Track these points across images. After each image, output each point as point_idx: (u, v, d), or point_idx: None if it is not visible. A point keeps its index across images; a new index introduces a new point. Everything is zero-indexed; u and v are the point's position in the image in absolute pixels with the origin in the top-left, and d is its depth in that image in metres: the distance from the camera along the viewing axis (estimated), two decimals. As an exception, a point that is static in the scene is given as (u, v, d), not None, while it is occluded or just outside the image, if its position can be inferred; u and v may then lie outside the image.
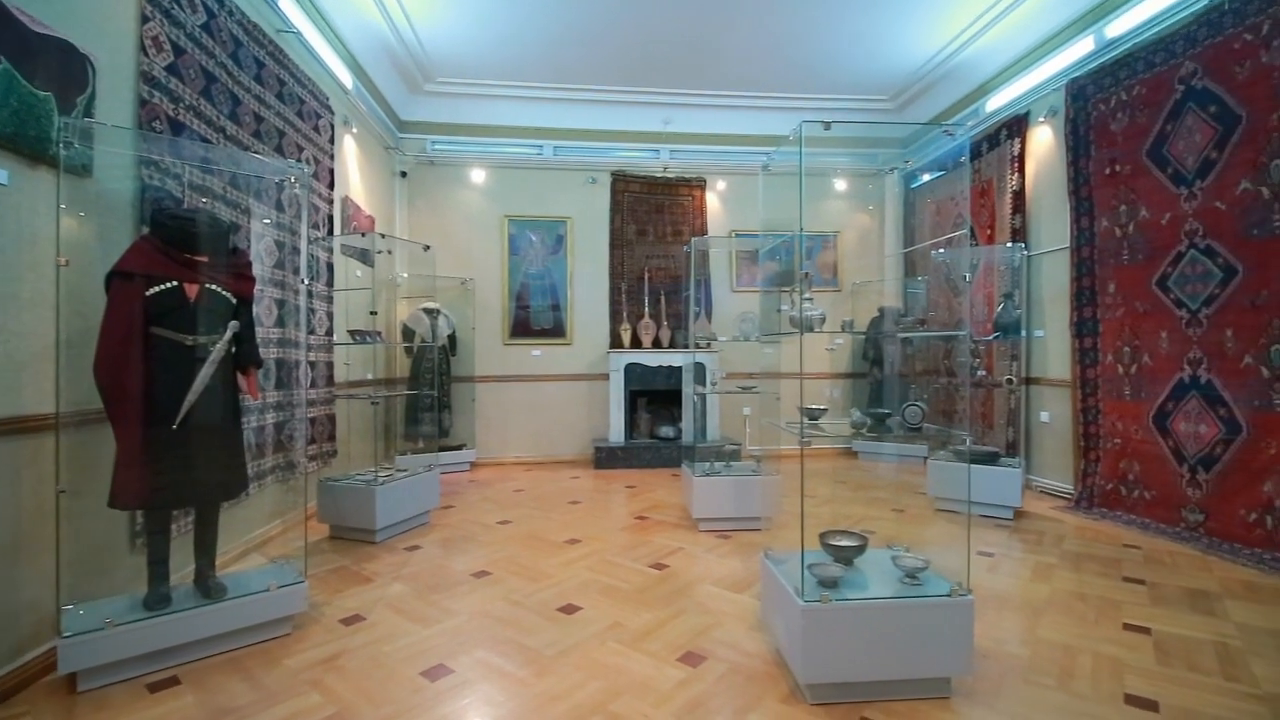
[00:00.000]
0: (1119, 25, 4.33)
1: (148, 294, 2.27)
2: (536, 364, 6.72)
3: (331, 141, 4.77)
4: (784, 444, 6.73)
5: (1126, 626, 2.60)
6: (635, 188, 6.90)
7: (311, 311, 4.41)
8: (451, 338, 6.35)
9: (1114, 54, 4.34)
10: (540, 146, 6.76)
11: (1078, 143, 4.64)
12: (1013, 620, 2.68)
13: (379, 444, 5.69)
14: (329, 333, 4.68)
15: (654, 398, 6.69)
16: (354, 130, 5.33)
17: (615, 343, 6.70)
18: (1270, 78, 3.36)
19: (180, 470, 2.36)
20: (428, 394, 5.72)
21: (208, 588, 2.47)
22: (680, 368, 6.42)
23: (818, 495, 5.02)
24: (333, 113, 4.79)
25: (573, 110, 6.61)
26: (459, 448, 6.30)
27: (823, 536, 2.35)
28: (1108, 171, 4.40)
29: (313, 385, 4.44)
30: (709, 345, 6.19)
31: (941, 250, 5.50)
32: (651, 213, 6.93)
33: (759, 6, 4.94)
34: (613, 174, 6.85)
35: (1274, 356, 3.35)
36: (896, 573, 2.18)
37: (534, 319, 6.73)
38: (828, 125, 2.01)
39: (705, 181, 6.98)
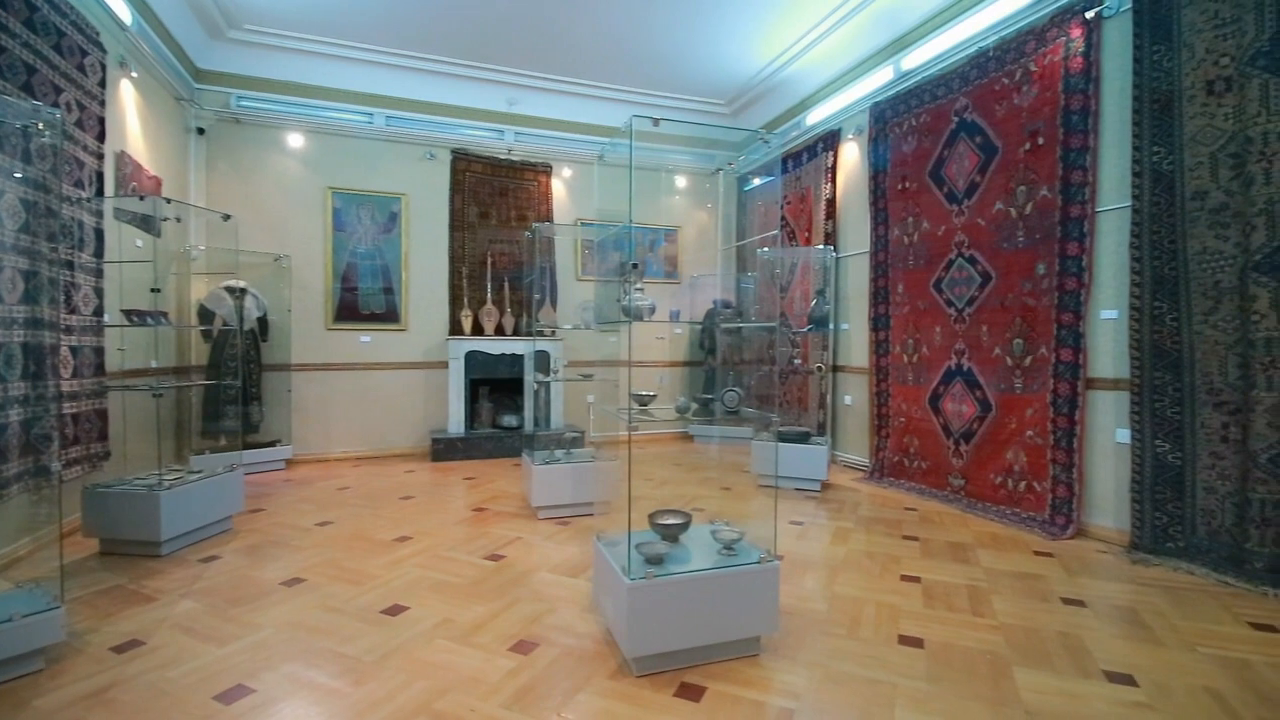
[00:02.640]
0: (913, 59, 4.98)
1: None
2: (366, 351, 6.23)
3: (102, 85, 4.00)
4: (625, 430, 6.95)
5: (903, 578, 3.05)
6: (478, 168, 6.64)
7: (72, 286, 3.68)
8: (262, 321, 5.66)
9: (908, 84, 4.99)
10: (371, 115, 6.23)
11: (877, 159, 5.28)
12: (815, 579, 3.01)
13: (167, 443, 4.93)
14: (98, 313, 3.94)
15: (496, 386, 6.52)
16: (134, 74, 4.50)
17: (455, 329, 6.41)
18: (1020, 117, 4.07)
19: None
20: (231, 385, 5.05)
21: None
22: (524, 356, 6.32)
23: (655, 478, 5.24)
24: (104, 50, 4.01)
25: (409, 79, 6.18)
26: (272, 444, 5.65)
27: (651, 517, 2.46)
28: (899, 187, 5.06)
29: (75, 375, 3.71)
30: (553, 333, 6.17)
31: (765, 249, 5.97)
32: (495, 195, 6.71)
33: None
34: (453, 152, 6.52)
35: (1015, 348, 4.09)
36: (716, 545, 2.34)
37: (363, 302, 6.21)
38: (656, 122, 2.07)
39: (551, 167, 6.91)
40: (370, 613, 2.64)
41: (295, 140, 5.99)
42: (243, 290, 5.35)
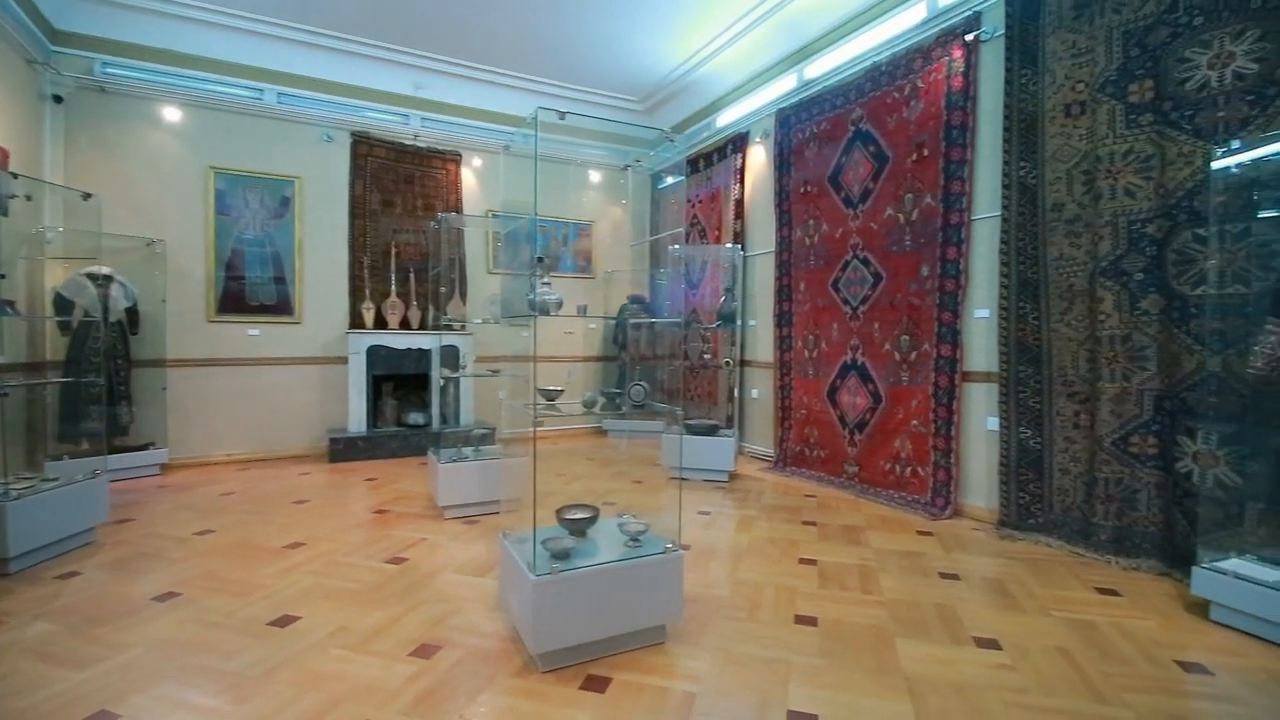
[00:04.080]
0: (815, 68, 5.22)
1: None
2: (255, 345, 5.78)
3: (-79, 36, 3.47)
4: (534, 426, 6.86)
5: (801, 561, 3.21)
6: (381, 153, 6.32)
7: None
8: (131, 312, 5.12)
9: (811, 92, 5.23)
10: (261, 91, 5.78)
11: (782, 163, 5.50)
12: (720, 566, 3.11)
13: (17, 449, 4.37)
14: (-80, 299, 3.43)
15: (402, 383, 6.26)
16: (-35, 27, 3.94)
17: (356, 322, 6.08)
18: (908, 129, 4.36)
19: None
20: (94, 382, 4.54)
21: None
22: (431, 350, 6.10)
23: (568, 473, 5.22)
24: (-77, -4, 3.48)
25: (305, 55, 5.79)
26: (144, 447, 5.14)
27: (559, 512, 2.45)
28: (802, 190, 5.30)
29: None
30: (462, 327, 5.99)
31: (676, 246, 6.10)
32: (400, 183, 6.42)
33: (514, -16, 4.88)
34: (354, 135, 6.17)
35: (902, 344, 4.40)
36: (623, 538, 2.37)
37: (251, 292, 5.76)
38: (562, 115, 2.06)
39: (461, 156, 6.69)
40: (256, 625, 2.47)
41: (171, 114, 5.46)
42: (107, 277, 4.83)
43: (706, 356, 6.08)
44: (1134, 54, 3.15)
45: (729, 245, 5.89)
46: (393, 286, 6.21)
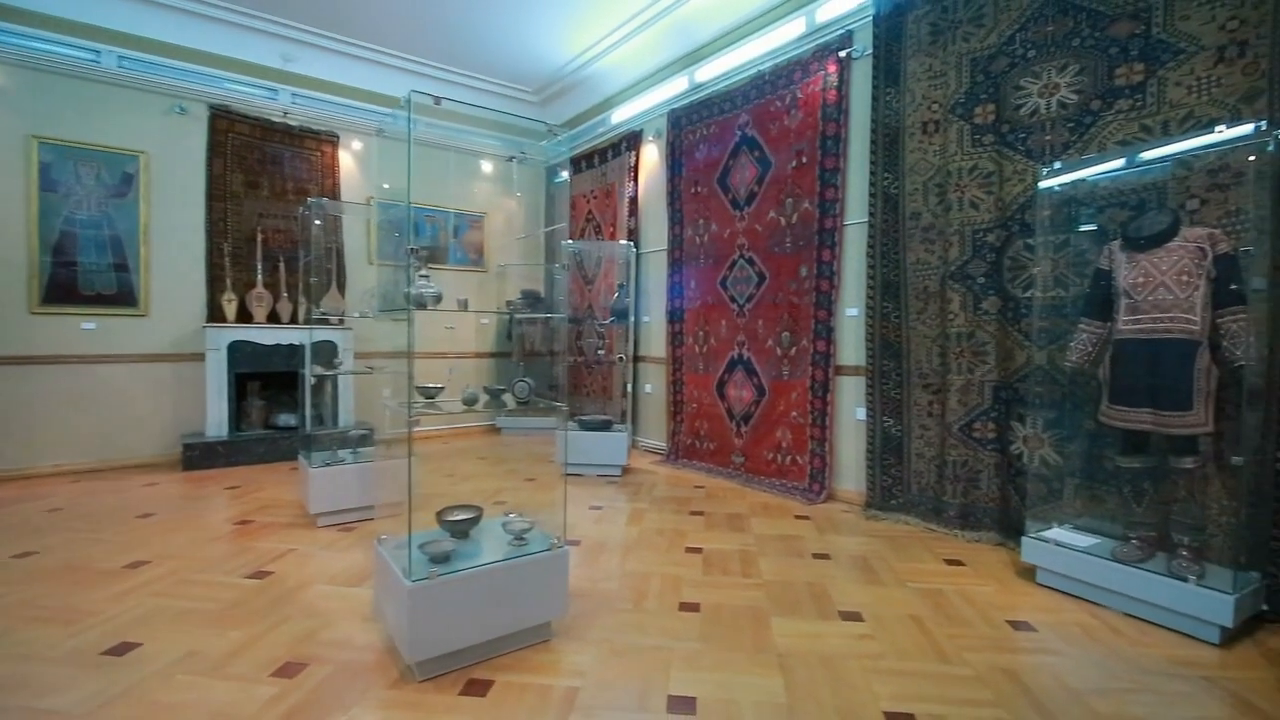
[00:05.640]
0: (705, 72, 5.37)
1: None
2: (91, 340, 5.09)
3: None
4: (425, 425, 6.57)
5: (687, 549, 3.31)
6: (245, 130, 5.77)
7: None
8: (-76, 300, 4.34)
9: (701, 95, 5.37)
10: (98, 53, 5.08)
11: (674, 163, 5.62)
12: (608, 560, 3.14)
13: None
14: None
15: (271, 381, 5.76)
16: None
17: (216, 315, 5.51)
18: (789, 137, 4.59)
19: None
20: None
21: None
22: (304, 346, 5.66)
23: (458, 473, 5.05)
24: None
25: (152, 16, 5.16)
26: (-57, 459, 4.39)
27: (440, 514, 2.36)
28: (693, 191, 5.45)
29: None
30: (340, 321, 5.61)
31: (570, 241, 6.06)
32: (267, 163, 5.90)
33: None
34: (213, 108, 5.58)
35: (784, 340, 4.64)
36: (507, 537, 2.33)
37: (85, 280, 5.06)
38: (438, 100, 1.98)
39: (339, 137, 6.25)
40: (87, 656, 2.18)
41: (-24, 70, 4.68)
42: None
43: (601, 352, 6.11)
44: (979, 80, 3.50)
45: (623, 242, 5.94)
46: (259, 276, 5.69)
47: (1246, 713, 1.92)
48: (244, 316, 5.59)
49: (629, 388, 5.93)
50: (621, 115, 6.37)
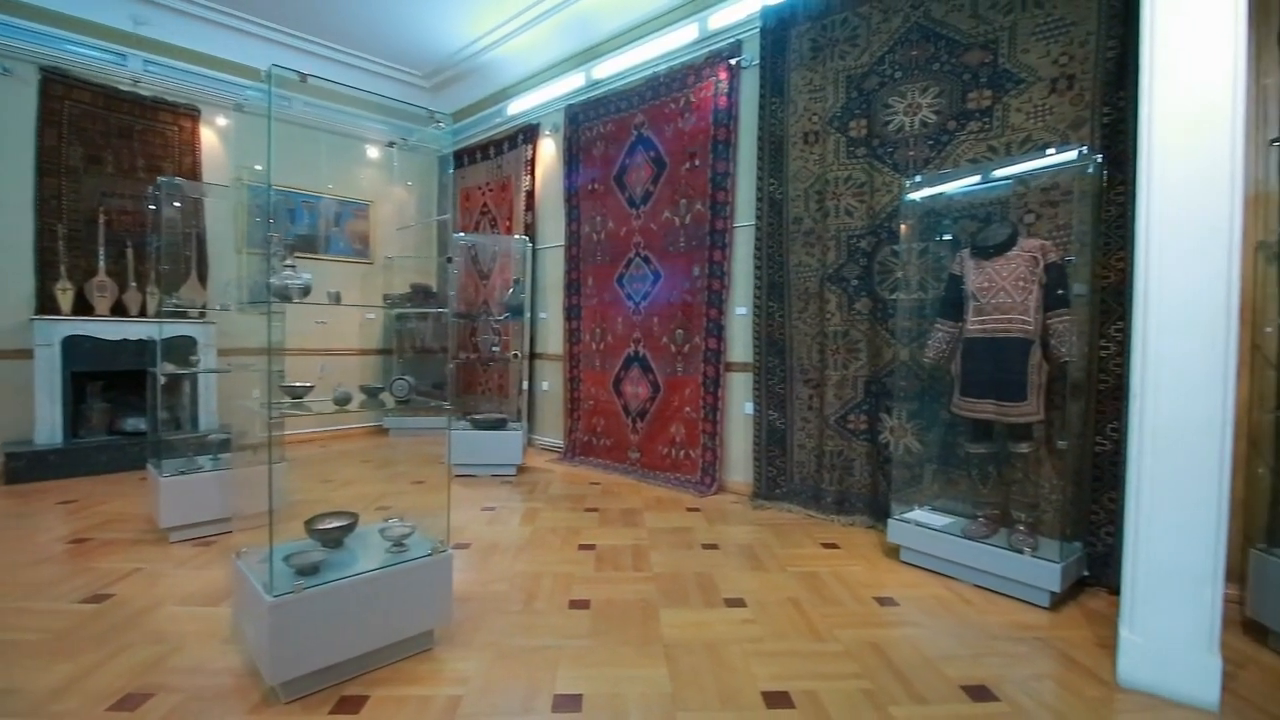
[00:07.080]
0: (602, 69, 5.36)
1: None
2: (-125, 334, 4.30)
3: None
4: (302, 427, 6.12)
5: (581, 547, 3.31)
6: (85, 98, 5.09)
7: None
8: None
9: (598, 92, 5.36)
10: (-121, -9, 4.28)
11: (571, 159, 5.58)
12: (499, 562, 3.07)
13: None
14: None
15: (116, 381, 5.11)
16: None
17: (48, 306, 4.82)
18: (683, 139, 4.69)
19: None
20: None
21: None
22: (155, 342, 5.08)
23: (338, 478, 4.75)
24: None
25: (-43, -45, 4.42)
26: None
27: (309, 523, 2.20)
28: (590, 187, 5.44)
29: None
30: (201, 315, 5.09)
31: (463, 234, 5.87)
32: (113, 136, 5.23)
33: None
34: (45, 70, 4.87)
35: (678, 338, 4.75)
36: (385, 543, 2.21)
37: None
38: (303, 77, 1.84)
39: (200, 111, 5.65)
40: None
41: None
42: None
43: (496, 349, 5.96)
44: (854, 96, 3.75)
45: (518, 237, 5.82)
46: (101, 263, 5.04)
47: (1071, 668, 2.19)
48: (83, 308, 4.93)
49: (525, 385, 5.83)
50: (519, 107, 6.24)
